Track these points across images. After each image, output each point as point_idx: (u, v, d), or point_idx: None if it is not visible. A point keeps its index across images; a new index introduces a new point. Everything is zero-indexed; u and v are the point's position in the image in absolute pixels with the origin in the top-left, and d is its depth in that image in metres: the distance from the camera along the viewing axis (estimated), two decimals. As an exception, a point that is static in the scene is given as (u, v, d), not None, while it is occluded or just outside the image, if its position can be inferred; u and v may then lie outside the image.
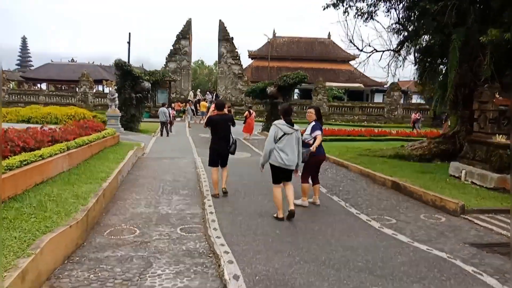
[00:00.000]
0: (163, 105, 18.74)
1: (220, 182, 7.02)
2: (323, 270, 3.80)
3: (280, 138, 5.57)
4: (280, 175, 5.71)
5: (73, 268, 3.71)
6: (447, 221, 5.96)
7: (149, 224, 5.33)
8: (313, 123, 6.50)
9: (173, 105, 31.33)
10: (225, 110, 7.20)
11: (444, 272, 3.90)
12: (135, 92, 19.68)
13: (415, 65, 13.29)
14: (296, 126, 5.74)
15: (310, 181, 6.59)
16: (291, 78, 18.96)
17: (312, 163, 6.38)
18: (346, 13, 12.60)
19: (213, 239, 4.65)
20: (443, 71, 10.91)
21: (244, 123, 19.44)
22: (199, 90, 42.82)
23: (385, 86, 49.49)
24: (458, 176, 8.69)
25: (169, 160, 10.88)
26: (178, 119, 30.55)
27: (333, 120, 34.72)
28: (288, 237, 4.82)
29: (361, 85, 48.00)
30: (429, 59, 12.23)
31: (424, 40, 11.92)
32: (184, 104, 32.65)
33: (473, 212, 6.26)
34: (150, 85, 19.82)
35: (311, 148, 6.19)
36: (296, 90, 41.85)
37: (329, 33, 51.58)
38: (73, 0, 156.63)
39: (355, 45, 13.06)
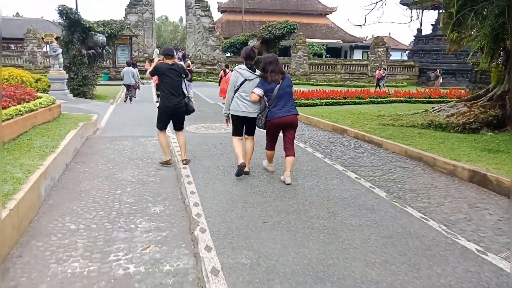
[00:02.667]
0: (128, 64, 15.14)
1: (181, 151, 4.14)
2: None
3: (241, 85, 5.10)
4: (241, 125, 5.32)
5: None
6: None
7: (85, 320, 2.40)
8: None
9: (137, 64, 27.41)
10: (176, 60, 5.94)
11: None
12: (87, 47, 15.85)
13: (443, 6, 10.48)
14: (257, 72, 5.14)
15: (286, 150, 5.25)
16: (278, 28, 15.75)
17: (271, 128, 5.15)
18: None
19: None
20: (491, 10, 8.10)
21: (219, 85, 16.27)
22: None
23: (364, 41, 46.66)
24: (548, 158, 6.14)
25: (131, 142, 7.69)
26: (144, 81, 26.66)
27: (314, 80, 31.84)
28: None
29: (340, 41, 45.16)
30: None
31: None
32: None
33: None
34: (105, 38, 15.99)
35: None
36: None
37: (305, -18, 47.59)
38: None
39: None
